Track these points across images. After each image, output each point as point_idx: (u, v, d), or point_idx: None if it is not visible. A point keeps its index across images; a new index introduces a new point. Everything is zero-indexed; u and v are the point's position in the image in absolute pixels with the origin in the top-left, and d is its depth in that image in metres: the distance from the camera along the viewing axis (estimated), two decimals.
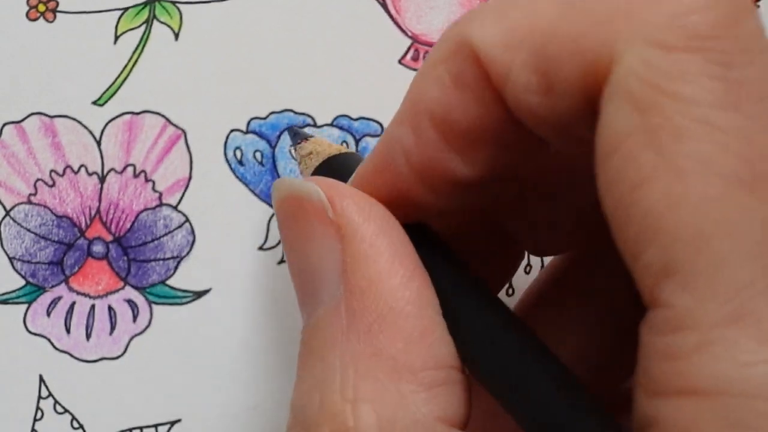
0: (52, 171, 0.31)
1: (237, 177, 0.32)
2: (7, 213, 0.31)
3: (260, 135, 0.32)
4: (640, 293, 0.17)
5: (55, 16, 0.31)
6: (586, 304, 0.25)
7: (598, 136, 0.18)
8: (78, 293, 0.32)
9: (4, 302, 0.32)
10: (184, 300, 0.32)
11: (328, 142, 0.28)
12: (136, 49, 0.31)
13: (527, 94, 0.19)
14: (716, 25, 0.17)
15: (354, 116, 0.32)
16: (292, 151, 0.30)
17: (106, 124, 0.32)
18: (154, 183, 0.32)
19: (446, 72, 0.20)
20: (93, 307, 0.32)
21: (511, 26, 0.19)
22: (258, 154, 0.32)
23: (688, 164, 0.16)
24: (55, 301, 0.32)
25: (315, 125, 0.32)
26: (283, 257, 0.32)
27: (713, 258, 0.16)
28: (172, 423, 0.32)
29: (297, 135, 0.29)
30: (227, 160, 0.32)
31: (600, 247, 0.21)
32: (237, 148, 0.32)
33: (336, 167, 0.25)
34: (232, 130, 0.32)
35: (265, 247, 0.32)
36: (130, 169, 0.32)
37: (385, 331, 0.19)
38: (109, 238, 0.32)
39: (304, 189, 0.21)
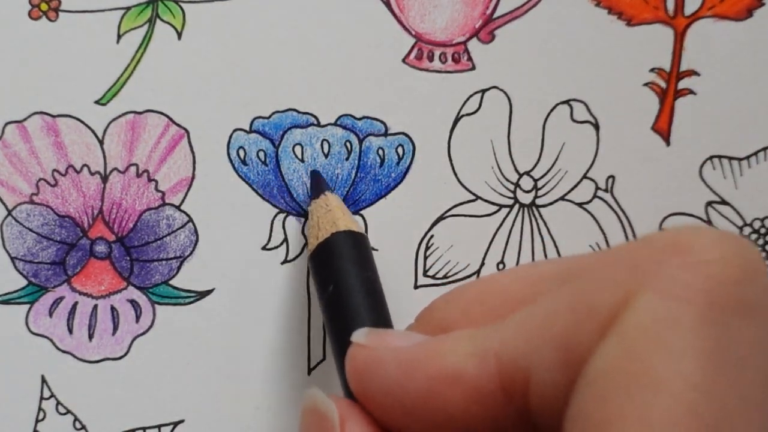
0: (54, 170, 0.31)
1: (240, 176, 0.32)
2: (9, 213, 0.31)
3: (263, 134, 0.32)
4: None
5: (57, 15, 0.31)
6: None
7: (585, 369, 0.18)
8: (80, 293, 0.32)
9: (6, 302, 0.32)
10: (187, 300, 0.32)
11: (336, 207, 0.30)
12: (139, 48, 0.31)
13: (550, 373, 0.19)
14: (722, 281, 0.17)
15: (358, 116, 0.32)
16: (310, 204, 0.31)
17: (109, 124, 0.31)
18: (156, 183, 0.32)
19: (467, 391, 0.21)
20: (95, 307, 0.32)
21: (529, 331, 0.20)
22: (261, 154, 0.32)
23: (654, 417, 0.16)
24: (57, 302, 0.32)
25: (319, 124, 0.32)
26: (286, 257, 0.32)
27: None
28: (176, 423, 0.32)
29: (316, 186, 0.31)
30: (230, 160, 0.32)
31: None
32: (240, 147, 0.32)
33: (327, 252, 0.29)
34: (235, 130, 0.32)
35: (268, 247, 0.32)
36: (132, 169, 0.32)
37: None
38: (112, 238, 0.32)
39: (323, 406, 0.23)
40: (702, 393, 0.16)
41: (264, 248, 0.32)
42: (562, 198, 0.33)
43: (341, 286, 0.28)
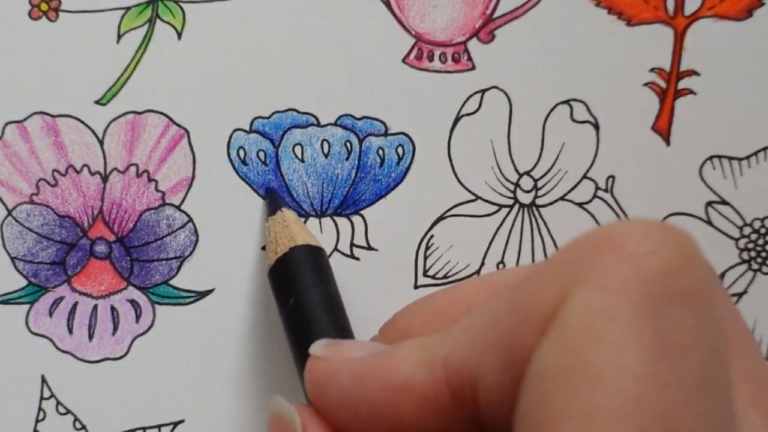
0: (54, 170, 0.31)
1: (240, 177, 0.32)
2: (9, 213, 0.31)
3: (263, 134, 0.32)
4: None
5: (57, 15, 0.31)
6: None
7: (528, 369, 0.18)
8: (80, 293, 0.32)
9: (6, 302, 0.32)
10: (187, 300, 0.32)
11: (293, 222, 0.30)
12: (139, 48, 0.31)
13: (495, 375, 0.19)
14: (657, 271, 0.17)
15: (358, 115, 0.32)
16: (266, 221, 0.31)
17: (109, 124, 0.31)
18: (156, 183, 0.32)
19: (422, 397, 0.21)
20: (95, 307, 0.32)
21: (472, 335, 0.20)
22: (261, 154, 0.32)
23: (598, 411, 0.16)
24: (57, 302, 0.32)
25: (318, 124, 0.32)
26: None
27: None
28: (176, 423, 0.32)
29: (271, 203, 0.31)
30: (230, 160, 0.32)
31: None
32: (240, 147, 0.32)
33: (287, 266, 0.29)
34: (235, 130, 0.32)
35: None
36: (132, 169, 0.32)
37: None
38: (112, 238, 0.32)
39: (286, 413, 0.24)
40: (644, 383, 0.16)
41: (264, 248, 0.32)
42: (562, 198, 0.33)
43: (302, 299, 0.28)
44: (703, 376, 0.17)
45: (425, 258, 0.33)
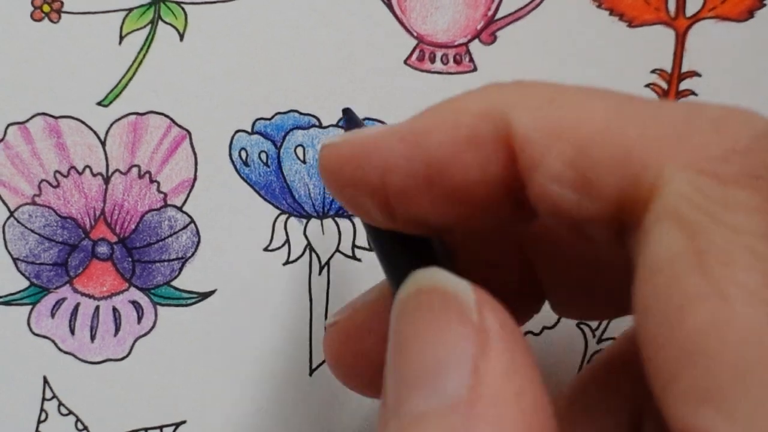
0: (56, 172, 0.31)
1: (242, 178, 0.32)
2: (12, 214, 0.31)
3: (265, 136, 0.32)
4: (670, 421, 0.17)
5: (59, 17, 0.31)
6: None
7: (642, 256, 0.17)
8: (82, 294, 0.32)
9: (8, 303, 0.32)
10: (189, 301, 0.32)
11: None
12: (141, 49, 0.31)
13: (557, 185, 0.19)
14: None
15: (359, 117, 0.32)
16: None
17: (111, 125, 0.31)
18: (158, 184, 0.32)
19: (467, 126, 0.20)
20: (97, 308, 0.32)
21: (558, 115, 0.19)
22: (263, 155, 0.32)
23: (734, 291, 0.16)
24: (59, 303, 0.32)
25: (320, 126, 0.32)
26: (288, 258, 0.32)
27: (757, 386, 0.15)
28: (177, 424, 0.32)
29: (350, 121, 0.28)
30: (232, 161, 0.32)
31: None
32: (242, 148, 0.32)
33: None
34: (237, 131, 0.32)
35: (270, 248, 0.32)
36: (134, 170, 0.32)
37: None
38: (114, 239, 0.32)
39: (457, 287, 0.20)
40: None
41: (266, 249, 0.32)
42: None
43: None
44: None
45: None
